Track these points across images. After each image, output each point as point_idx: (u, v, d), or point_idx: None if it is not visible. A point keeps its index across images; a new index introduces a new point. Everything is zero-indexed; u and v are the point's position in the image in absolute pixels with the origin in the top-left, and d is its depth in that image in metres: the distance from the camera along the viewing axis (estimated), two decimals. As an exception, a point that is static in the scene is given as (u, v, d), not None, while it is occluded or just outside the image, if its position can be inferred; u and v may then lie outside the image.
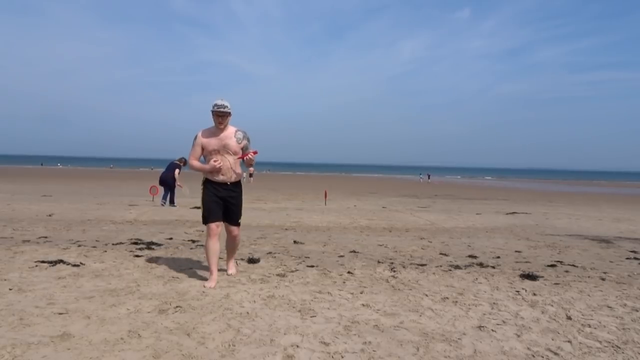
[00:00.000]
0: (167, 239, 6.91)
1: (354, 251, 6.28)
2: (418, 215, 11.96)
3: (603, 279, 4.89)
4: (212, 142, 4.23)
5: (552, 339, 3.11)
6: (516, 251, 6.67)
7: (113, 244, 6.25)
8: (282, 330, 3.13)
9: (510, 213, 13.15)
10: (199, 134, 4.29)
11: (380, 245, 6.84)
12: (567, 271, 5.27)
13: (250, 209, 12.41)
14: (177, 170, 13.17)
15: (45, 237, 6.70)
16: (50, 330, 2.99)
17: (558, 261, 5.88)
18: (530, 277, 4.82)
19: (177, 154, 13.54)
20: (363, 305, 3.77)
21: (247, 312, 3.50)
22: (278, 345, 2.89)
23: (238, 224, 4.51)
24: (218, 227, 4.30)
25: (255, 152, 4.28)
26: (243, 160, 4.30)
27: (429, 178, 52.49)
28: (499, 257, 6.11)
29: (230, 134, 4.27)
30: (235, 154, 4.28)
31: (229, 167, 4.26)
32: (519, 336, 3.15)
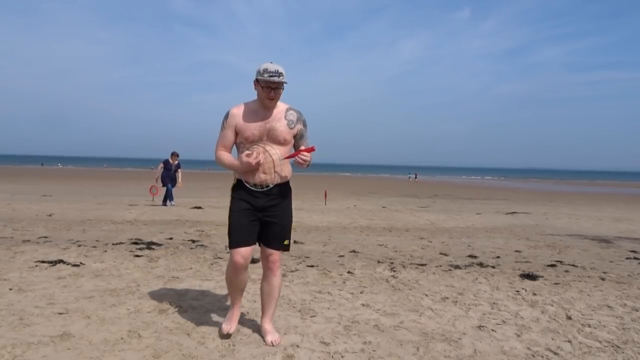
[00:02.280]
0: (167, 239, 6.91)
1: (354, 251, 6.28)
2: (418, 215, 11.96)
3: (603, 279, 4.89)
4: (251, 126, 2.85)
5: (552, 339, 3.11)
6: (516, 251, 6.67)
7: (113, 244, 6.25)
8: (282, 330, 3.14)
9: (510, 213, 13.16)
10: (232, 112, 2.90)
11: (380, 245, 6.84)
12: (567, 271, 5.28)
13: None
14: (160, 165, 12.95)
15: (46, 237, 6.70)
16: (50, 330, 2.99)
17: (558, 261, 5.88)
18: (530, 277, 4.82)
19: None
20: (363, 305, 3.77)
21: (247, 312, 3.51)
22: (278, 345, 2.89)
23: (282, 249, 3.02)
24: (248, 257, 2.90)
25: (312, 149, 2.86)
26: (294, 160, 2.89)
27: (415, 177, 53.21)
28: (499, 257, 6.12)
29: (279, 115, 2.89)
30: (283, 143, 2.90)
31: (272, 164, 2.86)
32: (519, 336, 3.15)
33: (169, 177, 12.84)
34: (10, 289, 3.89)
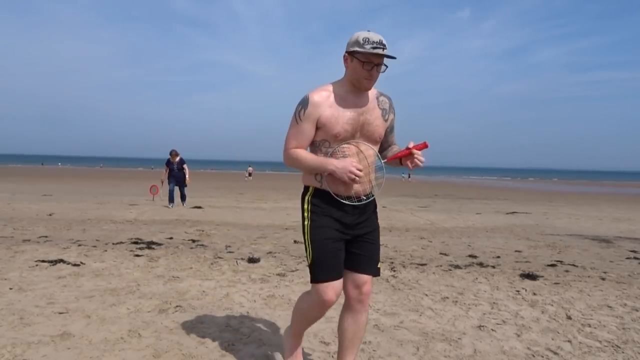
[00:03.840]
0: (168, 238, 6.91)
1: (354, 251, 6.28)
2: (418, 215, 11.96)
3: (603, 279, 4.89)
4: (343, 118, 2.14)
5: (552, 339, 3.11)
6: (516, 251, 6.67)
7: (113, 244, 6.26)
8: (282, 330, 3.14)
9: (510, 213, 13.15)
10: (314, 99, 2.15)
11: (380, 245, 6.83)
12: (567, 271, 5.28)
13: (250, 209, 12.42)
14: (165, 169, 12.56)
15: (46, 237, 6.71)
16: (50, 330, 2.99)
17: (558, 261, 5.88)
18: (530, 276, 4.82)
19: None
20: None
21: (247, 312, 3.50)
22: (278, 345, 2.89)
23: (376, 273, 2.38)
24: (340, 291, 2.27)
25: (424, 145, 2.18)
26: (400, 160, 2.22)
27: (409, 177, 53.38)
28: (499, 257, 6.12)
29: (372, 103, 2.23)
30: (378, 141, 2.28)
31: (367, 169, 2.22)
32: (519, 336, 3.15)
33: (175, 177, 12.50)
34: (11, 289, 3.90)
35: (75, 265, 4.81)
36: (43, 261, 4.92)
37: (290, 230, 8.39)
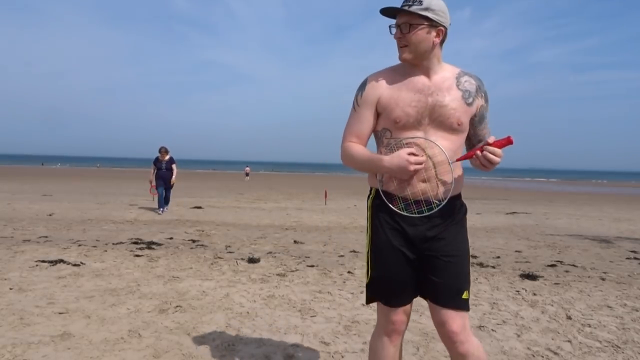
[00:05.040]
0: (168, 238, 6.91)
1: (354, 251, 6.28)
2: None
3: (603, 279, 4.89)
4: (403, 97, 1.79)
5: (552, 339, 3.11)
6: (516, 251, 6.67)
7: (113, 244, 6.26)
8: (282, 330, 3.14)
9: (510, 213, 13.15)
10: (371, 81, 1.85)
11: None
12: (567, 271, 5.28)
13: (250, 209, 12.42)
14: (152, 168, 11.06)
15: (46, 237, 6.71)
16: (50, 330, 2.99)
17: (558, 261, 5.88)
18: (530, 277, 4.82)
19: (176, 153, 11.85)
20: (363, 305, 3.77)
21: (247, 312, 3.50)
22: (278, 345, 2.89)
23: (460, 307, 1.80)
24: (404, 318, 1.88)
25: (508, 141, 1.72)
26: (475, 158, 1.76)
27: None
28: (499, 257, 6.12)
29: (448, 82, 1.80)
30: (456, 129, 1.80)
31: (435, 165, 1.78)
32: (519, 336, 3.15)
33: (162, 178, 10.88)
34: (11, 289, 3.90)
35: (75, 265, 4.81)
36: (43, 261, 4.92)
37: (290, 230, 8.39)
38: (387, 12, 1.77)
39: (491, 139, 1.73)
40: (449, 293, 1.78)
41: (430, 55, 1.77)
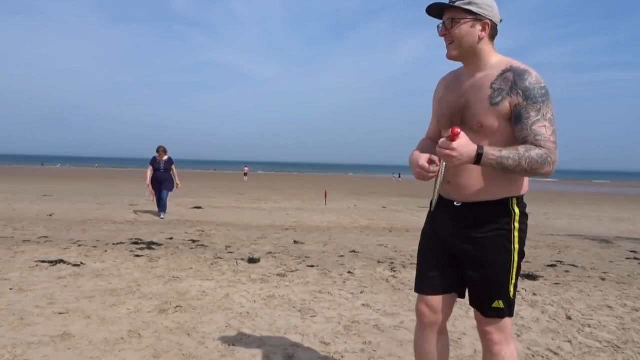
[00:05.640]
0: (168, 238, 6.92)
1: (354, 251, 6.29)
2: (418, 215, 11.96)
3: (603, 279, 4.89)
4: (445, 98, 1.86)
5: (552, 339, 3.11)
6: (516, 251, 6.66)
7: (113, 244, 6.26)
8: (282, 330, 3.14)
9: (510, 213, 13.15)
10: (438, 84, 1.96)
11: (381, 245, 6.84)
12: (567, 271, 5.28)
13: (251, 209, 12.43)
14: (149, 168, 10.23)
15: (46, 237, 6.71)
16: (50, 330, 2.99)
17: (558, 261, 5.88)
18: (530, 277, 4.82)
19: (176, 153, 11.41)
20: (363, 305, 3.77)
21: (247, 312, 3.51)
22: (278, 345, 2.89)
23: (486, 314, 1.80)
24: (437, 308, 1.88)
25: (453, 131, 1.59)
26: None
27: (399, 177, 53.30)
28: (499, 257, 6.11)
29: (486, 80, 1.72)
30: (479, 130, 1.71)
31: (454, 167, 1.74)
32: (519, 336, 3.15)
33: (159, 179, 10.13)
34: (11, 289, 3.90)
35: (75, 265, 4.82)
36: (43, 261, 4.92)
37: (290, 230, 8.40)
38: (433, 12, 1.78)
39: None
40: (476, 298, 1.84)
41: (478, 50, 1.74)
